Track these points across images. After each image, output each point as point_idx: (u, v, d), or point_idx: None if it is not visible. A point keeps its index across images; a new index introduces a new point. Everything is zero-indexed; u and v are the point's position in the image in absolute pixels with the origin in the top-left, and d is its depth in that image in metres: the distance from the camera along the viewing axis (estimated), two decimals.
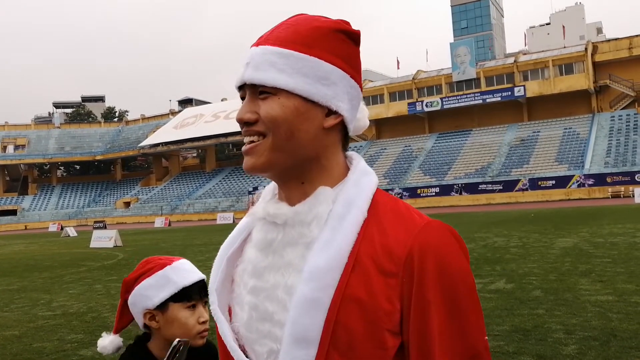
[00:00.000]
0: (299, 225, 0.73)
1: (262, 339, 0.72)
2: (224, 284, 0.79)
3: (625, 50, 45.68)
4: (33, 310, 7.62)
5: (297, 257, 0.72)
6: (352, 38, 0.75)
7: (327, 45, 0.73)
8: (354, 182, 0.75)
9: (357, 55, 0.76)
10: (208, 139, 60.59)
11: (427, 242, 0.69)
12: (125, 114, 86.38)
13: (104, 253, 17.57)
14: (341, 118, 0.75)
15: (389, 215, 0.72)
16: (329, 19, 0.76)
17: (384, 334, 0.68)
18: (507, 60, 51.96)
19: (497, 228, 17.28)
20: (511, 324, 5.19)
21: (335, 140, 0.76)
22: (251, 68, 0.72)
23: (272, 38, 0.73)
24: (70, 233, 33.42)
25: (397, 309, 0.68)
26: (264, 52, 0.72)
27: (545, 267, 8.55)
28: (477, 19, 76.62)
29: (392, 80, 56.72)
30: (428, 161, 48.51)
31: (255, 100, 0.73)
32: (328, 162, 0.75)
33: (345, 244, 0.69)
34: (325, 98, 0.72)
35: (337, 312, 0.67)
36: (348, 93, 0.75)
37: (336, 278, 0.68)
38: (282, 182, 0.76)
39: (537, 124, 47.66)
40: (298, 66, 0.71)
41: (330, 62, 0.73)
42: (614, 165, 38.77)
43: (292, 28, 0.73)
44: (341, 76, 0.74)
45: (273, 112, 0.71)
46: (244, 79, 0.73)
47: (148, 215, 56.25)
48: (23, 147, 70.87)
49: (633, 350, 4.17)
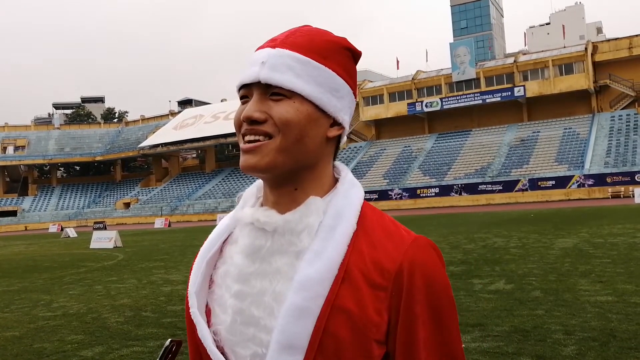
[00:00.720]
0: (289, 234, 0.74)
1: (245, 342, 0.73)
2: (202, 285, 0.79)
3: (625, 50, 45.68)
4: (33, 311, 7.63)
5: (285, 265, 0.73)
6: (355, 56, 0.79)
7: (338, 60, 0.76)
8: (344, 194, 0.76)
9: (355, 73, 0.81)
10: (208, 139, 60.60)
11: (415, 259, 0.72)
12: (124, 115, 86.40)
13: (104, 254, 17.58)
14: (342, 130, 0.78)
15: (377, 229, 0.75)
16: (336, 36, 0.79)
17: (371, 343, 0.70)
18: (506, 60, 51.96)
19: (496, 228, 17.28)
20: (511, 324, 5.20)
21: (331, 150, 0.79)
22: (268, 68, 0.72)
23: (289, 43, 0.74)
24: (70, 234, 33.43)
25: (385, 320, 0.71)
26: (282, 55, 0.73)
27: (545, 268, 8.56)
28: (477, 19, 76.59)
29: (391, 81, 56.70)
30: (428, 161, 48.50)
31: (265, 100, 0.73)
32: (321, 171, 0.78)
33: (336, 255, 0.71)
34: (334, 109, 0.75)
35: (325, 321, 0.69)
36: (350, 108, 0.79)
37: (326, 288, 0.70)
38: (276, 186, 0.77)
39: (537, 124, 47.66)
40: (314, 74, 0.73)
41: (340, 76, 0.76)
42: (614, 166, 38.76)
43: (308, 37, 0.75)
44: (348, 91, 0.77)
45: (288, 114, 0.72)
46: (260, 78, 0.72)
47: (148, 216, 56.24)
48: (23, 148, 70.86)
49: (632, 351, 4.18)
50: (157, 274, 11.20)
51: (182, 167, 70.67)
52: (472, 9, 76.98)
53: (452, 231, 17.32)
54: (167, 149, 64.53)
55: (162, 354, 0.84)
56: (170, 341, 0.86)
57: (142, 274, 11.26)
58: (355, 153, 54.65)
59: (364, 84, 57.74)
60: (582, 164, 40.25)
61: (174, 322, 6.28)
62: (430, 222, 23.73)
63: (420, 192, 44.59)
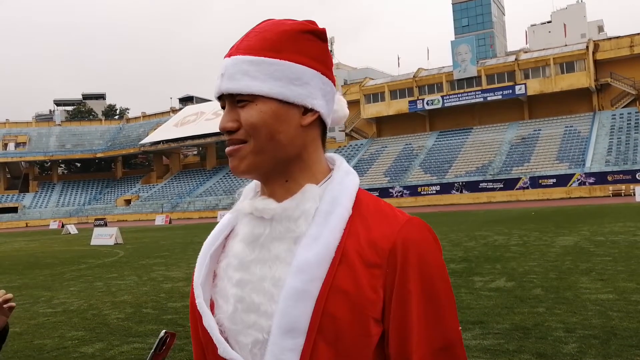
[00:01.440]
0: (287, 220, 0.76)
1: (246, 329, 0.74)
2: (207, 278, 0.81)
3: (627, 48, 45.54)
4: (34, 308, 7.65)
5: (284, 251, 0.75)
6: (318, 36, 0.78)
7: (295, 47, 0.76)
8: (339, 181, 0.78)
9: (325, 51, 0.79)
10: (209, 136, 60.55)
11: (409, 238, 0.74)
12: (126, 112, 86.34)
13: (105, 250, 17.60)
14: (317, 114, 0.78)
15: (373, 212, 0.77)
16: (295, 21, 0.79)
17: (369, 321, 0.72)
18: (508, 58, 51.86)
19: (497, 226, 17.27)
20: (511, 322, 5.19)
21: (314, 136, 0.79)
22: (226, 79, 0.75)
23: (243, 47, 0.76)
24: (71, 230, 33.47)
25: (380, 297, 0.73)
26: (236, 62, 0.75)
27: (546, 266, 8.55)
28: (478, 17, 76.44)
29: (392, 78, 56.62)
30: (429, 159, 48.47)
31: (234, 108, 0.76)
32: (309, 158, 0.79)
33: (333, 239, 0.73)
34: (300, 98, 0.76)
35: (324, 303, 0.71)
36: (321, 89, 0.78)
37: (324, 271, 0.72)
38: (266, 181, 0.79)
39: (538, 122, 47.58)
40: (270, 71, 0.74)
41: (300, 63, 0.76)
42: (615, 164, 38.71)
43: (260, 35, 0.77)
44: (313, 75, 0.77)
45: (252, 118, 0.74)
46: (221, 90, 0.76)
47: (149, 213, 56.28)
48: (24, 144, 70.88)
49: (633, 349, 4.17)
50: (157, 270, 11.20)
51: (183, 164, 70.68)
52: (473, 7, 76.84)
53: (453, 229, 17.31)
54: (168, 146, 64.52)
55: (157, 345, 0.84)
56: (165, 332, 0.85)
57: (142, 271, 11.26)
58: (357, 151, 54.60)
59: (365, 81, 57.67)
60: (583, 162, 40.20)
61: (174, 319, 6.29)
62: (431, 219, 23.72)
63: (421, 189, 44.58)
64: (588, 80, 45.42)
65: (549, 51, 49.43)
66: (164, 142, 64.12)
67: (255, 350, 0.74)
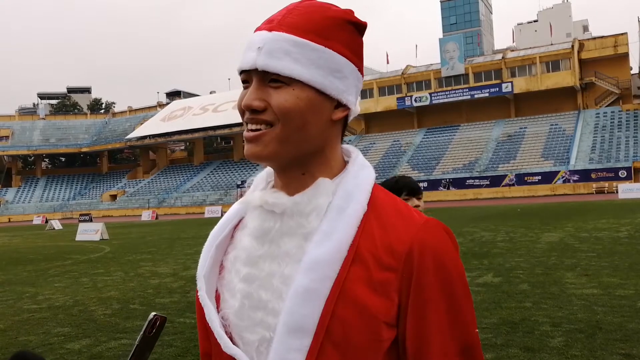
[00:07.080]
0: (298, 215, 0.72)
1: (253, 326, 0.72)
2: (212, 270, 0.78)
3: (611, 48, 46.23)
4: (18, 304, 7.52)
5: (294, 247, 0.71)
6: (359, 30, 0.74)
7: (340, 37, 0.72)
8: (354, 175, 0.75)
9: (362, 46, 0.76)
10: (196, 132, 60.11)
11: (426, 241, 0.70)
12: (112, 106, 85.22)
13: (90, 246, 17.37)
14: (348, 111, 0.74)
15: (389, 211, 0.73)
16: (340, 9, 0.74)
17: (381, 326, 0.68)
18: (495, 56, 52.28)
19: (484, 223, 17.44)
20: (499, 316, 5.25)
21: (338, 132, 0.76)
22: (264, 54, 0.69)
23: (286, 24, 0.70)
24: (55, 226, 32.99)
25: (395, 302, 0.69)
26: (278, 39, 0.69)
27: (532, 261, 8.66)
28: (466, 15, 76.79)
29: (381, 75, 56.70)
30: (416, 156, 48.74)
31: (264, 87, 0.70)
32: (329, 154, 0.75)
33: (345, 236, 0.69)
34: (337, 91, 0.72)
35: (334, 304, 0.68)
36: (355, 86, 0.75)
37: (335, 270, 0.68)
38: (283, 171, 0.75)
39: (524, 120, 48.11)
40: (313, 57, 0.70)
41: (342, 55, 0.72)
42: (599, 162, 39.34)
43: (306, 16, 0.71)
44: (352, 70, 0.73)
45: (287, 103, 0.69)
46: (257, 65, 0.69)
47: (135, 209, 55.68)
48: (7, 138, 69.56)
49: (618, 342, 4.24)
50: (144, 266, 11.09)
51: (170, 159, 70.05)
52: (461, 5, 77.15)
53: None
54: (155, 141, 63.88)
55: (146, 327, 0.81)
56: (154, 315, 0.82)
57: (129, 267, 11.15)
58: None
59: None
60: (567, 159, 40.78)
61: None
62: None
63: None
64: (573, 79, 46.01)
65: (535, 50, 49.96)
66: (151, 137, 63.46)
67: (262, 349, 0.71)
